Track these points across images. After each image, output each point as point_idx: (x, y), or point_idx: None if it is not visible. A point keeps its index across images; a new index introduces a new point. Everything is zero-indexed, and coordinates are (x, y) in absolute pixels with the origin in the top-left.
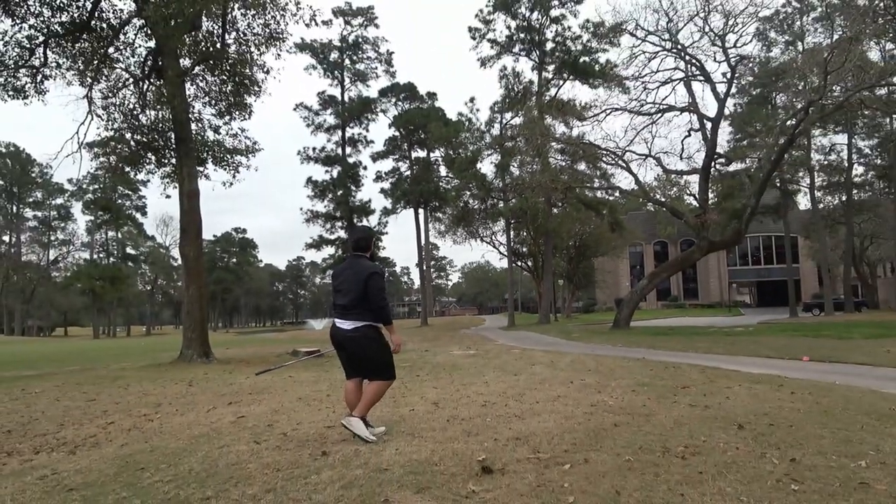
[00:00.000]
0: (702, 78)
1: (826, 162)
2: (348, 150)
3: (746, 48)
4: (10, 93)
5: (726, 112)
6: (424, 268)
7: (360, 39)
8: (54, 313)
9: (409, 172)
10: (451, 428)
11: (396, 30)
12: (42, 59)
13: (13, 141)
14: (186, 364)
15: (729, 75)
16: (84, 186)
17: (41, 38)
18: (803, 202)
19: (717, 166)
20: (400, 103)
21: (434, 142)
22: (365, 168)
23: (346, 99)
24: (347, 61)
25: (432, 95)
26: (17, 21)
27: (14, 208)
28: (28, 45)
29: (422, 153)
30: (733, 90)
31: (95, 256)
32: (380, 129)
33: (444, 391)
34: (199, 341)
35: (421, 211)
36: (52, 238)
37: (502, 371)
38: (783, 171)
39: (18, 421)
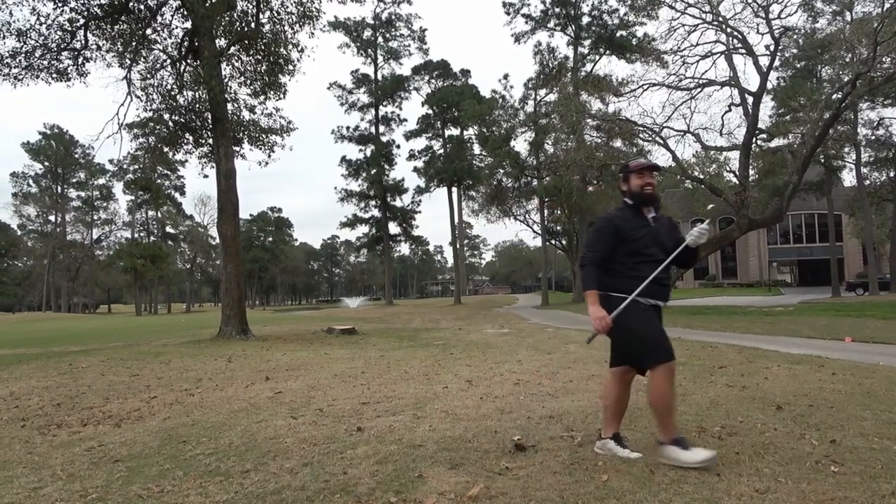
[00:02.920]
0: (744, 51)
1: (874, 137)
2: (381, 128)
3: (791, 19)
4: (54, 75)
5: (769, 86)
6: (458, 246)
7: (393, 16)
8: (98, 291)
9: (442, 151)
10: (484, 406)
11: (429, 6)
12: (83, 42)
13: (57, 122)
14: (225, 341)
15: (772, 48)
16: (125, 167)
17: (81, 21)
18: (848, 179)
19: (759, 142)
20: (433, 81)
21: (467, 119)
22: (398, 147)
23: (379, 77)
24: (380, 39)
25: (466, 73)
26: (59, 4)
27: (59, 189)
28: (69, 28)
29: (455, 131)
30: (776, 63)
31: (136, 235)
32: (413, 108)
33: (478, 369)
34: (237, 318)
35: (454, 189)
36: (95, 217)
37: (535, 350)
38: (828, 146)
39: (66, 394)
